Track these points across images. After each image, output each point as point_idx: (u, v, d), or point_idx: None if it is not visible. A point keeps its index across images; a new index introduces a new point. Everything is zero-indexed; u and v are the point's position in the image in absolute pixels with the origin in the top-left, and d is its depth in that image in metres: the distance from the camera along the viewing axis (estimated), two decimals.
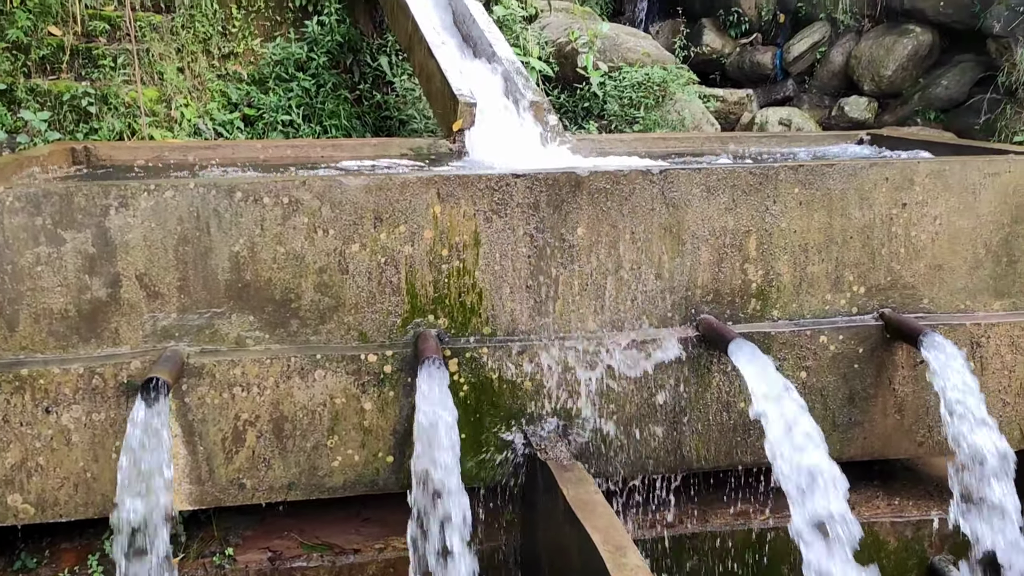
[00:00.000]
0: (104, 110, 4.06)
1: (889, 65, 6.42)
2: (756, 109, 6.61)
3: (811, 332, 2.73)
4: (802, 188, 2.68)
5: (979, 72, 6.17)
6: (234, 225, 2.43)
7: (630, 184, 2.59)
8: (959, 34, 6.38)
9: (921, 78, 6.53)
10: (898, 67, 6.42)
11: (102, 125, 4.03)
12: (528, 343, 2.61)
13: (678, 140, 3.92)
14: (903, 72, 6.47)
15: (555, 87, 5.53)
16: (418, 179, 2.51)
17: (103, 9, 4.50)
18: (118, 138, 4.05)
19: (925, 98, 6.37)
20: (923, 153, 3.33)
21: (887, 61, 6.43)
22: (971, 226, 2.79)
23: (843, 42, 6.88)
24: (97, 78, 4.20)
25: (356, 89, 5.33)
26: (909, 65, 6.45)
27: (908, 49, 6.42)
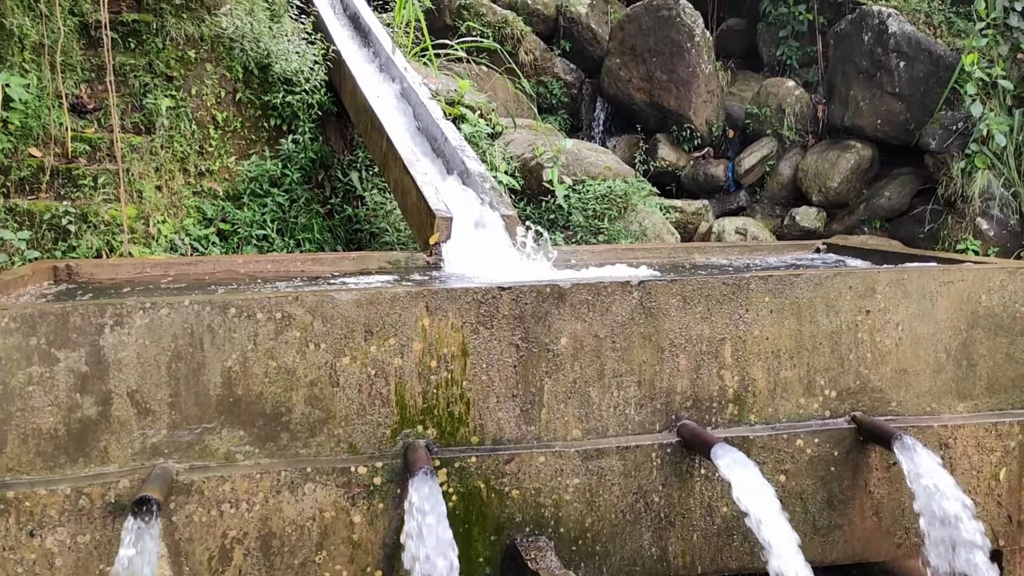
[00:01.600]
0: (83, 228, 4.11)
1: (835, 178, 6.79)
2: (712, 219, 6.90)
3: (788, 436, 2.82)
4: (772, 297, 2.82)
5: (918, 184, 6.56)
6: (228, 341, 2.47)
7: (610, 295, 2.71)
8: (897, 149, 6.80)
9: (865, 189, 6.91)
10: (843, 179, 6.80)
11: (80, 243, 4.07)
12: (515, 452, 2.65)
13: (646, 251, 4.08)
14: (848, 184, 6.84)
15: (521, 199, 5.74)
16: (407, 293, 2.59)
17: (84, 131, 4.61)
18: (96, 256, 4.09)
19: (870, 208, 6.73)
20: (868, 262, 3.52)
21: (832, 174, 6.80)
22: (931, 331, 2.94)
23: (790, 156, 7.27)
24: (77, 197, 4.27)
25: (328, 203, 5.47)
26: (853, 177, 6.83)
27: (851, 163, 6.81)
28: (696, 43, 7.43)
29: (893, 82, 6.58)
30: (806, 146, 7.32)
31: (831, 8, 8.11)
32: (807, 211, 6.90)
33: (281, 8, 5.40)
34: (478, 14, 7.84)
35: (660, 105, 7.55)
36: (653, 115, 7.67)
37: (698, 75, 7.45)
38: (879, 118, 6.74)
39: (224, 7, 5.09)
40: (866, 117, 6.81)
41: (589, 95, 8.29)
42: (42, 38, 4.65)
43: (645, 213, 5.71)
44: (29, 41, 4.58)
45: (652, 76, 7.51)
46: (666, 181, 7.63)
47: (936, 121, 6.30)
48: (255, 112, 5.18)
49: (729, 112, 8.00)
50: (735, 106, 8.03)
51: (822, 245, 4.25)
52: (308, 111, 5.24)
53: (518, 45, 7.97)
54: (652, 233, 5.86)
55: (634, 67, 7.61)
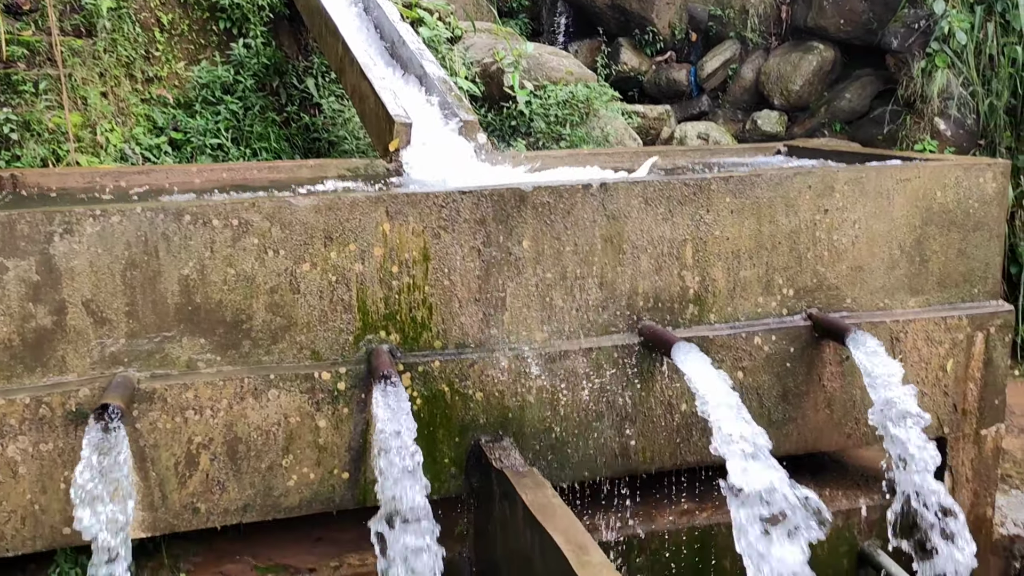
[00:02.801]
0: (26, 137, 3.96)
1: (796, 80, 6.75)
2: (675, 124, 6.85)
3: (746, 334, 2.87)
4: (733, 197, 2.83)
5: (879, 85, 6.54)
6: (183, 248, 2.43)
7: (572, 198, 2.69)
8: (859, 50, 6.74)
9: (826, 92, 6.88)
10: (805, 82, 6.75)
11: (24, 152, 3.92)
12: (479, 355, 2.67)
13: (608, 156, 4.05)
14: (809, 87, 6.80)
15: (482, 106, 5.63)
16: (367, 198, 2.55)
17: (20, 34, 4.38)
18: (42, 165, 3.95)
19: (831, 111, 6.72)
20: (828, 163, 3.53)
21: (794, 77, 6.75)
22: (887, 229, 2.98)
23: (752, 59, 7.19)
24: (18, 104, 4.09)
25: (284, 111, 5.31)
26: (815, 80, 6.78)
27: (813, 65, 6.75)
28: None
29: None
30: (769, 48, 7.24)
31: None
32: (768, 115, 6.87)
33: None
34: None
35: (622, 7, 7.38)
36: (615, 18, 7.51)
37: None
38: (842, 18, 6.66)
39: None
40: (829, 17, 6.72)
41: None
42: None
43: (607, 119, 5.65)
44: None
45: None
46: (628, 86, 7.52)
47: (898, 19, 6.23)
48: (202, 14, 4.96)
49: (692, 15, 7.84)
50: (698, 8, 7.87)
51: (782, 147, 4.26)
52: (259, 13, 5.03)
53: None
54: (614, 139, 5.81)
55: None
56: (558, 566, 2.03)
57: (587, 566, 1.93)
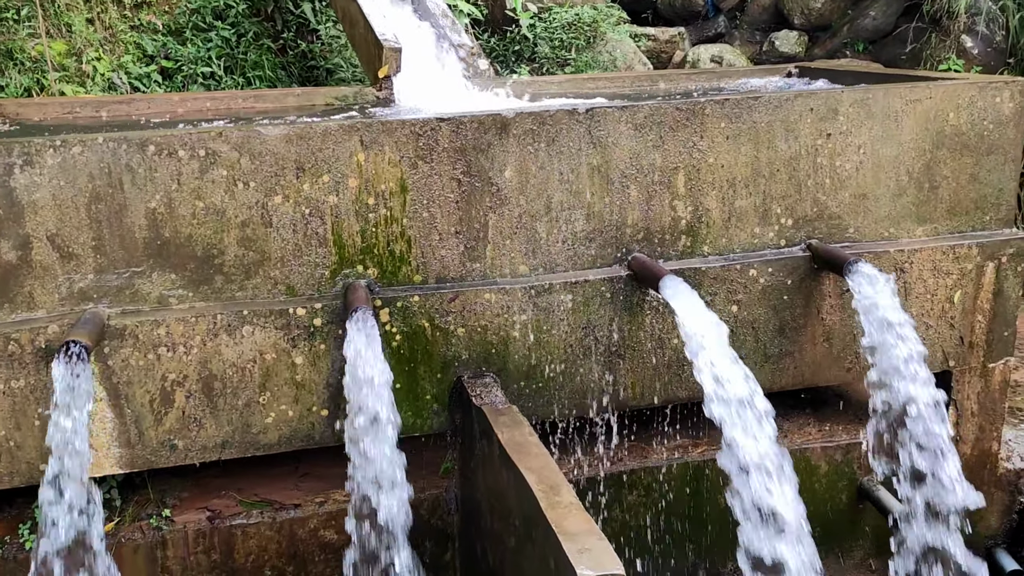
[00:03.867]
0: (9, 66, 3.86)
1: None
2: (688, 47, 6.59)
3: (741, 266, 2.76)
4: (728, 122, 2.68)
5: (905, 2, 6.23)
6: (149, 180, 2.34)
7: (556, 124, 2.56)
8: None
9: (850, 10, 6.56)
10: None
11: (8, 82, 3.83)
12: (460, 289, 2.59)
13: (608, 80, 3.88)
14: (832, 4, 6.48)
15: (485, 31, 5.42)
16: (340, 127, 2.44)
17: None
18: (26, 95, 3.86)
19: (853, 30, 6.41)
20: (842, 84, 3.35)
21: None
22: (894, 154, 2.82)
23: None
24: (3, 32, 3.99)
25: (280, 38, 5.16)
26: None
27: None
28: None
29: None
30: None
31: None
32: (787, 35, 6.57)
33: None
34: None
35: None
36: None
37: None
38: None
39: None
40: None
41: None
42: None
43: (615, 43, 5.43)
44: None
45: None
46: (642, 8, 7.22)
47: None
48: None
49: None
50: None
51: (794, 69, 4.05)
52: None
53: None
54: (623, 63, 5.59)
55: None
56: (529, 505, 1.97)
57: (556, 506, 1.87)
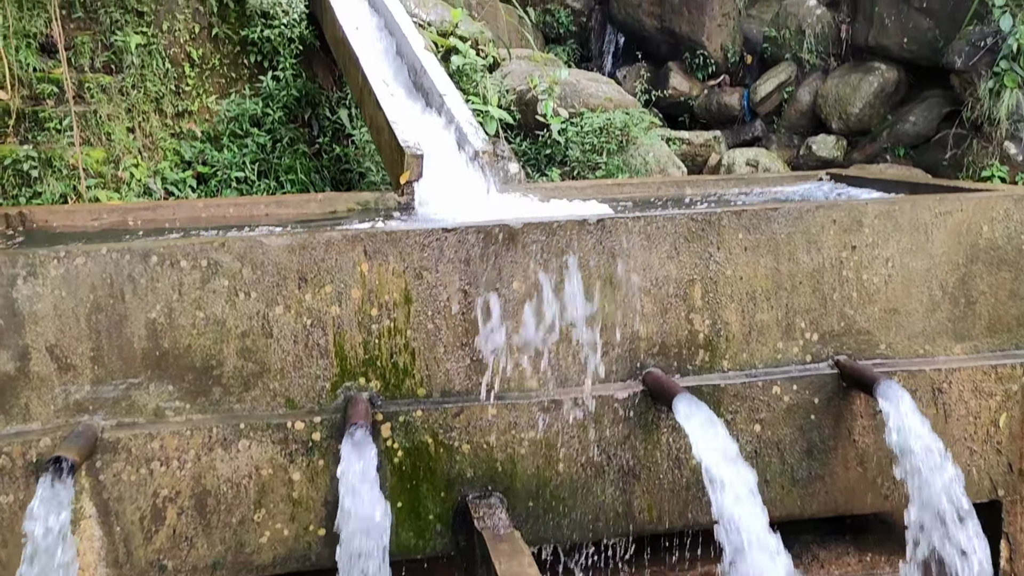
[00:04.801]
0: (47, 173, 3.97)
1: (856, 103, 6.40)
2: (724, 150, 6.57)
3: (763, 383, 2.61)
4: (746, 233, 2.58)
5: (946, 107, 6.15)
6: (151, 290, 2.32)
7: (566, 235, 2.50)
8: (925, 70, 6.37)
9: (889, 115, 6.51)
10: (865, 104, 6.40)
11: (45, 189, 3.94)
12: (465, 404, 2.48)
13: (634, 186, 3.84)
14: (871, 109, 6.44)
15: (517, 134, 5.48)
16: (343, 236, 2.41)
17: (52, 72, 4.44)
18: (62, 201, 3.96)
19: (894, 135, 6.34)
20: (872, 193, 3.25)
21: (854, 99, 6.41)
22: (925, 267, 2.69)
23: (809, 81, 6.87)
24: (43, 141, 4.13)
25: (315, 143, 5.28)
26: (876, 102, 6.43)
27: (874, 86, 6.40)
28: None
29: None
30: (827, 70, 6.90)
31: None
32: (825, 139, 6.52)
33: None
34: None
35: (671, 31, 7.16)
36: (665, 42, 7.29)
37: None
38: (905, 36, 6.30)
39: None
40: (891, 36, 6.37)
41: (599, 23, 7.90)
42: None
43: (647, 146, 5.43)
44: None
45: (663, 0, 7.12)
46: (678, 112, 7.28)
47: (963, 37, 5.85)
48: (233, 48, 4.97)
49: (747, 36, 7.57)
50: (754, 29, 7.59)
51: (825, 175, 3.97)
52: (289, 46, 5.01)
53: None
54: (656, 167, 5.58)
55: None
56: None
57: None
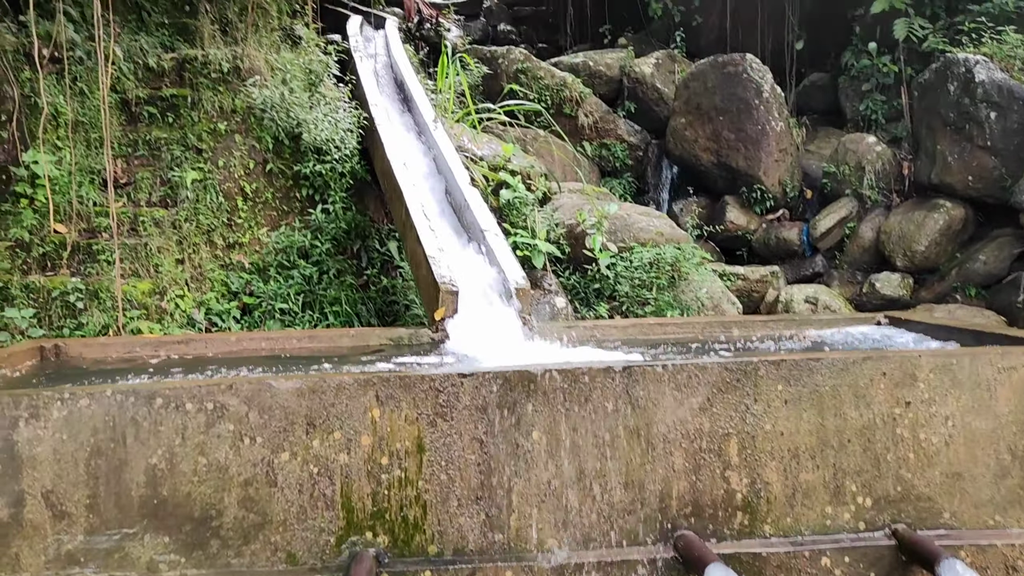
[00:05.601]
0: (93, 305, 4.03)
1: (921, 240, 6.18)
2: (783, 286, 6.37)
3: (810, 553, 2.35)
4: (786, 385, 2.39)
5: (1018, 247, 5.88)
6: (153, 434, 2.23)
7: (590, 382, 2.34)
8: (994, 208, 6.15)
9: (958, 253, 6.26)
10: (931, 242, 6.18)
11: (89, 320, 3.98)
12: (479, 564, 2.29)
13: (677, 326, 3.68)
14: (937, 247, 6.21)
15: (566, 268, 5.42)
16: (355, 380, 2.30)
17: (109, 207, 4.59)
18: (103, 333, 3.99)
19: (963, 274, 6.07)
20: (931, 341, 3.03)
21: (918, 236, 6.19)
22: (990, 428, 2.43)
23: (872, 217, 6.69)
24: (93, 273, 4.21)
25: (364, 274, 5.29)
26: (943, 240, 6.20)
27: (940, 224, 6.19)
28: (765, 99, 7.01)
29: (984, 135, 5.98)
30: (890, 206, 6.73)
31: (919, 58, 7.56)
32: (888, 277, 6.28)
33: (317, 78, 5.33)
34: (536, 77, 7.67)
35: (728, 165, 7.13)
36: (721, 176, 7.25)
37: (768, 133, 7.02)
38: (970, 174, 6.12)
39: (253, 78, 5.05)
40: (955, 173, 6.21)
41: (655, 156, 7.95)
42: (78, 116, 4.69)
43: (699, 282, 5.29)
44: (64, 118, 4.63)
45: (719, 135, 7.12)
46: (736, 246, 7.16)
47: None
48: (286, 182, 5.09)
49: (807, 171, 7.49)
50: (814, 164, 7.52)
51: (883, 318, 3.75)
52: (340, 180, 5.10)
53: (577, 107, 7.73)
54: (709, 303, 5.42)
55: (700, 126, 7.24)
56: None
57: None
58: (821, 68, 8.98)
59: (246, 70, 5.12)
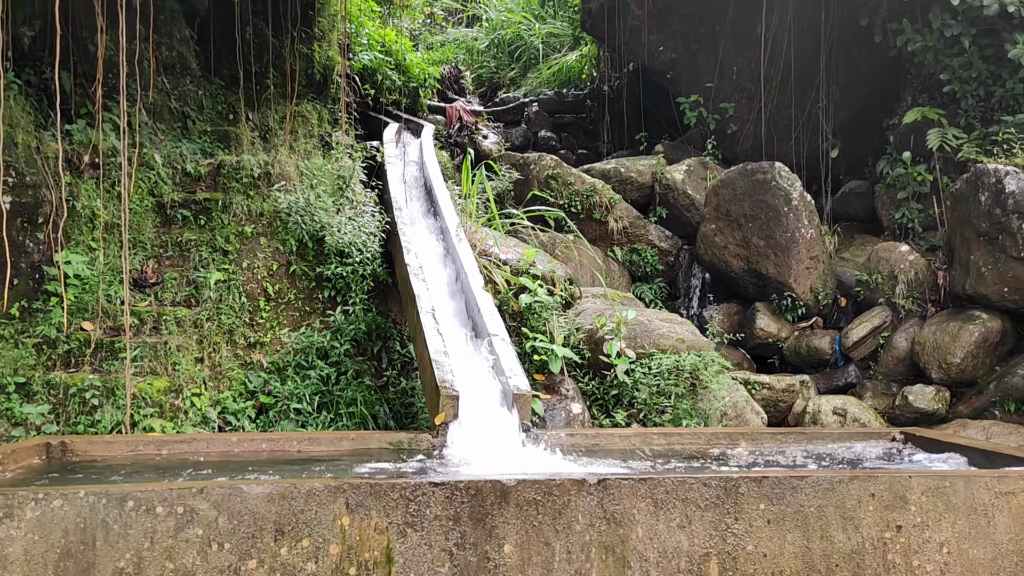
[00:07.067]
0: (108, 401, 4.11)
1: (956, 352, 6.00)
2: (812, 395, 6.22)
3: None
4: (769, 504, 2.31)
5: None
6: (122, 537, 2.24)
7: (564, 495, 2.30)
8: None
9: (997, 366, 6.06)
10: (967, 354, 5.99)
11: (103, 417, 4.05)
12: None
13: (680, 436, 3.61)
14: (973, 359, 6.01)
15: (586, 373, 5.37)
16: (325, 487, 2.29)
17: (137, 305, 4.73)
18: (117, 430, 4.05)
19: (1002, 388, 5.86)
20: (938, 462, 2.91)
21: (954, 348, 6.02)
22: (989, 557, 2.30)
23: (906, 327, 6.54)
24: (113, 370, 4.31)
25: (383, 375, 5.32)
26: (979, 352, 6.01)
27: (976, 336, 6.02)
28: (794, 207, 7.01)
29: (1017, 245, 5.87)
30: (925, 316, 6.58)
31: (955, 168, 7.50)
32: (922, 390, 6.08)
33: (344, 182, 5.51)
34: (566, 183, 7.81)
35: (758, 272, 7.07)
36: (752, 282, 7.19)
37: (798, 240, 6.99)
38: (1006, 286, 5.98)
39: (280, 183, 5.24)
40: (990, 284, 6.06)
41: (686, 262, 7.95)
42: (113, 218, 4.91)
43: (720, 390, 5.19)
44: (100, 221, 4.84)
45: (749, 242, 7.10)
46: (767, 353, 7.03)
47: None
48: (309, 283, 5.20)
49: (841, 279, 7.39)
50: (848, 273, 7.42)
51: (899, 434, 3.62)
52: (361, 282, 5.20)
53: (607, 213, 7.83)
54: (732, 413, 5.30)
55: (730, 233, 7.24)
56: None
57: None
58: (859, 176, 8.96)
59: (276, 175, 5.32)
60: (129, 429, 4.04)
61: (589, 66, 11.72)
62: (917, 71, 7.99)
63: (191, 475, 2.95)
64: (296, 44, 7.15)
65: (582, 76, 11.86)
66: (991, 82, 7.21)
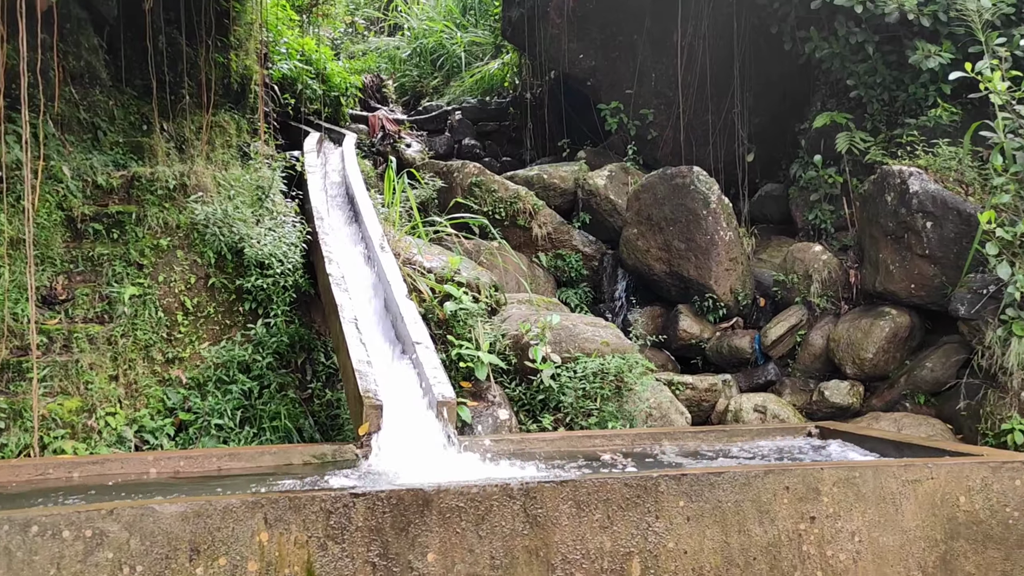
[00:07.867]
0: (15, 425, 3.94)
1: (869, 348, 6.22)
2: (735, 394, 6.36)
3: None
4: (688, 501, 2.35)
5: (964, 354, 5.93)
6: (27, 565, 2.14)
7: (487, 501, 2.30)
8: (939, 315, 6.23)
9: (907, 360, 6.30)
10: (879, 349, 6.21)
11: (9, 441, 3.88)
12: None
13: (605, 438, 3.65)
14: (885, 354, 6.24)
15: (512, 379, 5.38)
16: (242, 502, 2.24)
17: (46, 323, 4.56)
18: (25, 454, 3.89)
19: (912, 381, 6.09)
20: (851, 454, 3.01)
21: (866, 344, 6.24)
22: (898, 543, 2.39)
23: (821, 325, 6.75)
24: (20, 391, 4.14)
25: (308, 388, 5.23)
26: (891, 347, 6.24)
27: (886, 331, 6.24)
28: (712, 210, 7.17)
29: (922, 243, 6.11)
30: (839, 314, 6.81)
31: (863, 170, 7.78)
32: (838, 385, 6.28)
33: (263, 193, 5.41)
34: (490, 190, 7.84)
35: (680, 275, 7.21)
36: (674, 285, 7.33)
37: (717, 243, 7.15)
38: (912, 282, 6.22)
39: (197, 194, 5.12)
40: (898, 281, 6.30)
41: (610, 266, 8.06)
42: (19, 233, 4.71)
43: (646, 391, 5.26)
44: (4, 236, 4.65)
45: (670, 245, 7.24)
46: (691, 354, 7.17)
47: (964, 285, 5.76)
48: (229, 296, 5.08)
49: (760, 280, 7.58)
50: (766, 273, 7.62)
51: (814, 429, 3.74)
52: (283, 294, 5.11)
53: (531, 219, 7.88)
54: (657, 414, 5.38)
55: (651, 236, 7.37)
56: None
57: None
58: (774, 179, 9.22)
59: (192, 187, 5.20)
60: (38, 452, 3.88)
61: (511, 74, 11.80)
62: (825, 77, 8.27)
63: (101, 497, 2.86)
64: (212, 53, 7.00)
65: (505, 84, 11.93)
66: (895, 87, 7.51)
